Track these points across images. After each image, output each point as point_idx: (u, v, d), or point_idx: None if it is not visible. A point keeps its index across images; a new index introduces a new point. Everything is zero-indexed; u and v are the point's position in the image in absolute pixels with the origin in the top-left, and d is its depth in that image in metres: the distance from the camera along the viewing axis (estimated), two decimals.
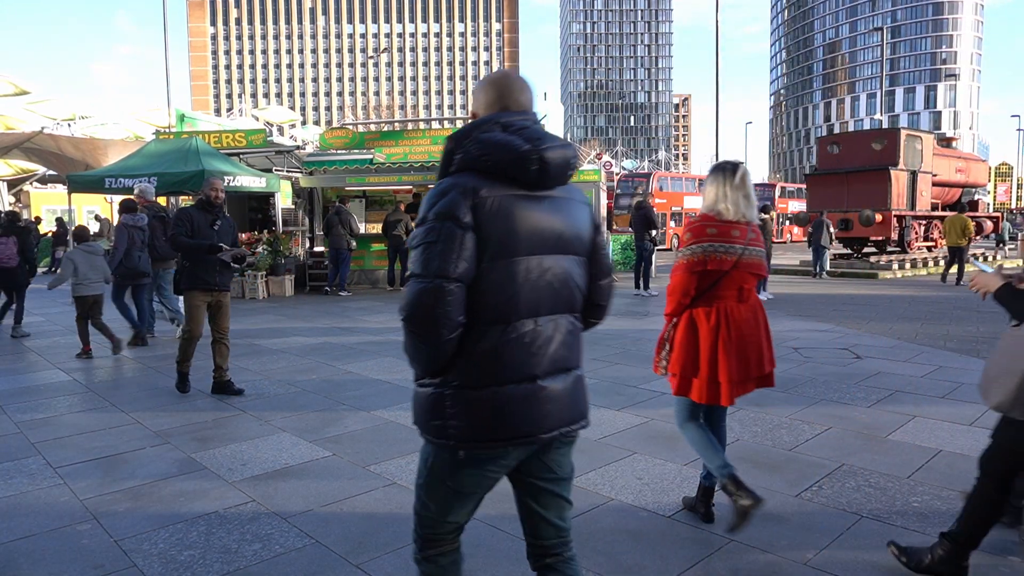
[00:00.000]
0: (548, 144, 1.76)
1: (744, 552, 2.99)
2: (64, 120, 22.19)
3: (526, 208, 1.76)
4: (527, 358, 1.77)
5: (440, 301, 1.66)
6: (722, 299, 3.07)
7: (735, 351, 3.03)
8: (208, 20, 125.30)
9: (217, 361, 5.78)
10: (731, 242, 3.03)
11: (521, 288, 1.76)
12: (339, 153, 14.82)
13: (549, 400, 1.81)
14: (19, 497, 3.68)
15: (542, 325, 1.80)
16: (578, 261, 1.90)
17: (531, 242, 1.77)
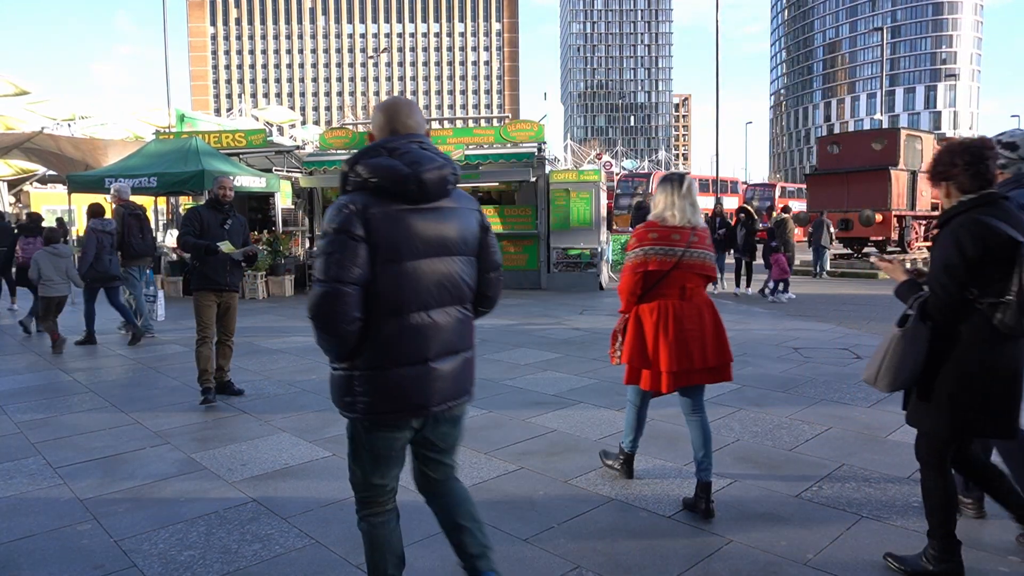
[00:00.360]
0: (426, 167, 2.10)
1: (744, 552, 2.99)
2: (64, 120, 22.19)
3: (411, 220, 2.09)
4: (419, 344, 2.13)
5: (338, 301, 2.00)
6: (665, 297, 3.43)
7: (675, 344, 3.36)
8: (208, 20, 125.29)
9: (219, 362, 5.75)
10: (672, 245, 3.38)
11: (411, 287, 2.10)
12: (339, 153, 14.81)
13: (439, 378, 2.17)
14: (19, 497, 3.68)
15: (432, 316, 2.15)
16: (466, 260, 2.24)
17: (418, 248, 2.10)
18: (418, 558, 2.96)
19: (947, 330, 2.62)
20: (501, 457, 4.22)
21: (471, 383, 2.31)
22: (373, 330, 2.09)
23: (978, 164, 2.58)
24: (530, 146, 14.13)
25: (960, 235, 2.55)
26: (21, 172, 22.69)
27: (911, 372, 2.70)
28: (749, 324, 9.52)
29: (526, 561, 2.93)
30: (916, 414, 2.80)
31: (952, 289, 2.57)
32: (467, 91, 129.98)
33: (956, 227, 2.58)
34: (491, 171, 14.04)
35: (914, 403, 2.81)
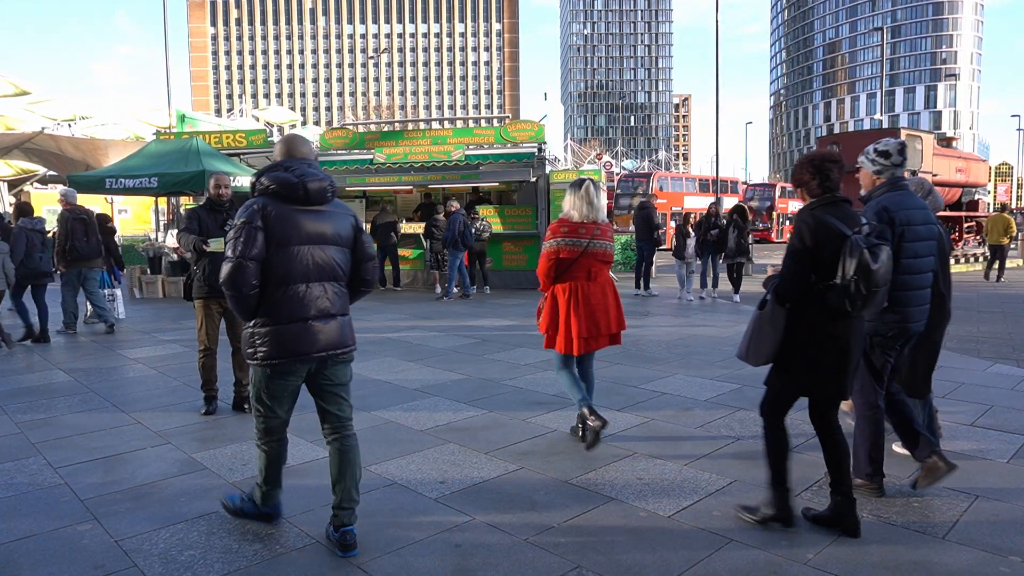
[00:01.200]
0: (310, 180, 2.93)
1: (744, 552, 2.99)
2: (64, 120, 22.19)
3: (299, 217, 2.92)
4: (300, 307, 2.92)
5: (243, 272, 2.82)
6: (575, 278, 4.30)
7: (584, 316, 4.24)
8: (208, 20, 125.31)
9: (237, 374, 5.36)
10: (579, 237, 4.28)
11: (295, 265, 2.91)
12: (339, 153, 14.82)
13: (318, 332, 2.95)
14: (20, 497, 3.68)
15: (311, 288, 2.95)
16: (340, 250, 3.05)
17: (302, 237, 2.92)
18: (418, 558, 2.96)
19: (794, 309, 3.08)
20: (501, 457, 4.22)
21: (351, 339, 3.11)
22: (267, 296, 2.89)
23: (822, 174, 3.11)
24: (530, 146, 14.13)
25: (801, 229, 3.06)
26: (21, 172, 22.69)
27: (773, 347, 3.13)
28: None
29: (526, 561, 2.93)
30: (769, 376, 3.27)
31: (797, 270, 3.04)
32: (467, 91, 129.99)
33: (799, 223, 3.09)
34: (491, 171, 14.04)
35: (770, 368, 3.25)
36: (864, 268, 2.89)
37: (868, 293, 2.91)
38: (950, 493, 3.59)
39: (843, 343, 3.06)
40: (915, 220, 3.49)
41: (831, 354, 3.06)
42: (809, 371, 3.10)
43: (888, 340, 3.50)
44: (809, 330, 3.05)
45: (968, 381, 6.04)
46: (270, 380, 2.98)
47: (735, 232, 12.17)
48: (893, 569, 2.83)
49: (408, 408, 5.36)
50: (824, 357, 3.07)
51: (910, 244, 3.44)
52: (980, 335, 8.57)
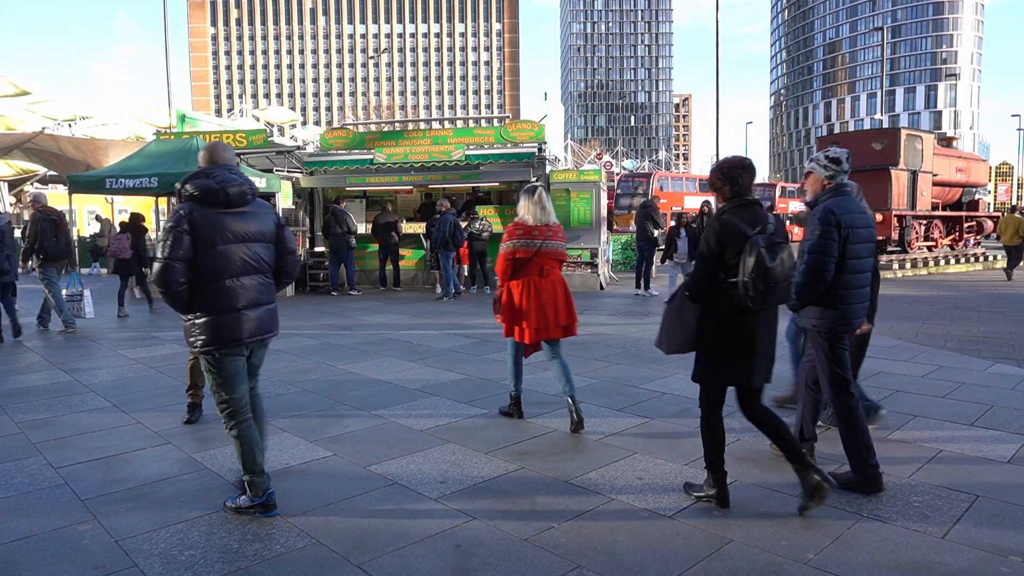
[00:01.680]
0: (230, 184, 3.27)
1: (744, 552, 2.99)
2: (65, 120, 22.20)
3: (223, 219, 3.25)
4: (231, 299, 3.26)
5: (170, 271, 3.14)
6: (529, 275, 4.75)
7: (535, 309, 4.69)
8: (208, 20, 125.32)
9: None
10: (533, 239, 4.76)
11: (224, 262, 3.24)
12: (339, 153, 14.82)
13: (248, 321, 3.31)
14: (20, 497, 3.69)
15: (240, 280, 3.29)
16: (264, 246, 3.41)
17: (228, 237, 3.25)
18: (418, 558, 2.96)
19: (707, 305, 3.33)
20: (501, 457, 4.22)
21: (275, 324, 3.51)
22: (201, 291, 3.21)
23: (731, 180, 3.35)
24: (530, 146, 14.13)
25: (709, 233, 3.29)
26: (22, 172, 22.70)
27: (683, 338, 3.41)
28: None
29: (526, 561, 2.93)
30: (694, 372, 3.48)
31: (703, 272, 3.30)
32: (467, 91, 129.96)
33: (708, 227, 3.33)
34: (491, 171, 14.04)
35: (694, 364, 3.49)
36: (760, 266, 3.11)
37: (766, 289, 3.14)
38: (950, 493, 3.59)
39: (751, 336, 3.29)
40: (858, 223, 3.71)
41: (741, 346, 3.31)
42: (724, 363, 3.35)
43: (838, 334, 3.74)
44: (719, 325, 3.32)
45: (968, 381, 6.04)
46: (218, 365, 3.31)
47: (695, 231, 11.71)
48: (893, 569, 2.82)
49: (408, 408, 5.36)
50: (735, 349, 3.32)
51: (853, 246, 3.66)
52: (980, 335, 8.57)
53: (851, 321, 3.73)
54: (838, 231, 3.60)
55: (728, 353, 3.33)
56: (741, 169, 3.38)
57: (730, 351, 3.32)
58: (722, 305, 3.28)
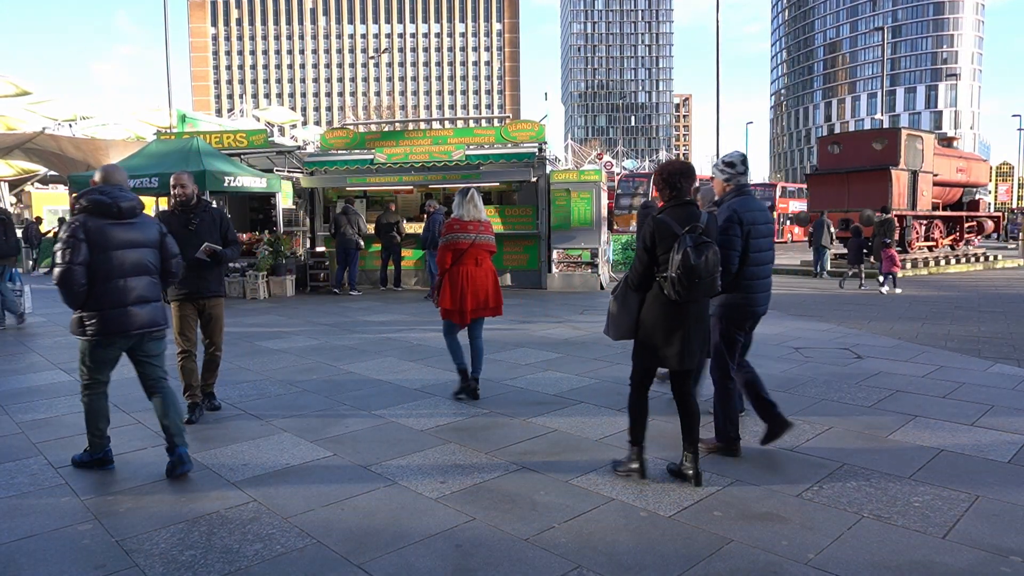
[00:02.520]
0: (122, 200, 3.87)
1: (744, 552, 2.99)
2: (65, 120, 22.22)
3: (113, 229, 3.83)
4: (120, 296, 3.84)
5: (72, 275, 3.69)
6: (465, 265, 5.52)
7: (470, 294, 5.49)
8: (209, 20, 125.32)
9: (204, 375, 5.33)
10: (468, 233, 5.49)
11: (115, 265, 3.82)
12: (340, 153, 14.82)
13: (134, 315, 3.89)
14: (21, 497, 3.69)
15: (127, 282, 3.86)
16: (150, 251, 3.99)
17: (117, 244, 3.83)
18: (418, 558, 2.96)
19: (645, 296, 3.71)
20: (501, 457, 4.22)
21: (162, 319, 4.07)
22: (94, 290, 3.77)
23: (670, 184, 3.69)
24: (531, 146, 14.12)
25: (645, 229, 3.67)
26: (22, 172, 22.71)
27: (627, 326, 3.77)
28: None
29: (526, 561, 2.93)
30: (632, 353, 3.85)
31: (640, 266, 3.68)
32: (467, 91, 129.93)
33: (647, 225, 3.68)
34: (492, 171, 14.03)
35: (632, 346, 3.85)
36: (686, 263, 3.43)
37: (690, 284, 3.47)
38: (950, 493, 3.59)
39: (679, 325, 3.65)
40: (758, 220, 4.10)
41: (672, 334, 3.66)
42: (655, 348, 3.71)
43: (738, 321, 4.16)
44: (653, 314, 3.68)
45: (969, 381, 6.04)
46: (93, 350, 3.91)
47: None
48: (893, 569, 2.82)
49: (408, 408, 5.36)
50: (666, 336, 3.67)
51: (755, 240, 4.06)
52: (981, 335, 8.56)
53: (754, 309, 4.16)
54: (740, 228, 4.00)
55: (659, 339, 3.68)
56: (680, 174, 3.71)
57: (661, 337, 3.68)
58: (656, 296, 3.66)
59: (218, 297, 5.28)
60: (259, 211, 16.56)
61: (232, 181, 12.57)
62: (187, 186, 5.12)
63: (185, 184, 5.12)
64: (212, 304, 5.23)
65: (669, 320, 3.64)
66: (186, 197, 5.12)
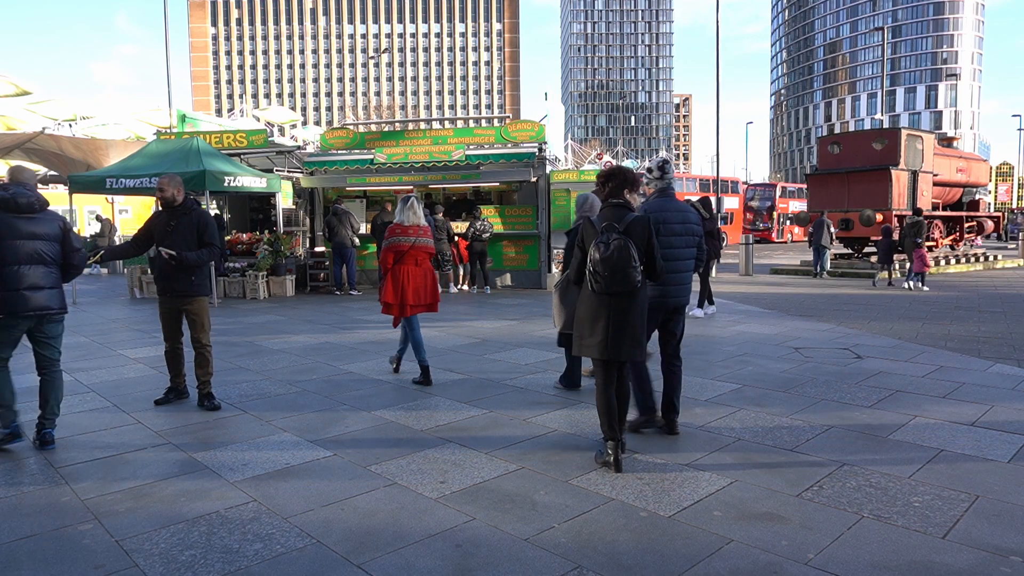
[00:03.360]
0: (21, 196, 4.33)
1: (744, 552, 2.99)
2: (65, 120, 22.21)
3: (16, 222, 4.32)
4: (15, 281, 4.28)
5: None
6: (406, 264, 6.13)
7: (411, 290, 6.10)
8: (209, 20, 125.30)
9: (196, 371, 5.46)
10: (407, 236, 6.10)
11: (14, 253, 4.29)
12: (340, 153, 14.82)
13: (28, 299, 4.32)
14: (20, 497, 3.69)
15: (22, 268, 4.31)
16: (48, 244, 4.43)
17: (18, 234, 4.31)
18: (418, 558, 2.96)
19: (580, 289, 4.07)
20: (501, 457, 4.22)
21: (58, 304, 4.47)
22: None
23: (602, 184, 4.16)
24: (531, 146, 14.12)
25: (579, 228, 4.12)
26: None
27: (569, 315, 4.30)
28: (750, 325, 9.52)
29: (526, 561, 2.93)
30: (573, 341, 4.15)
31: (574, 261, 4.08)
32: (467, 91, 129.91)
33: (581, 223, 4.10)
34: (492, 171, 14.04)
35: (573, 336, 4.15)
36: (594, 257, 3.82)
37: (603, 275, 3.79)
38: (950, 493, 3.59)
39: (602, 316, 3.91)
40: (671, 220, 4.52)
41: (595, 324, 3.94)
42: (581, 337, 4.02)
43: (652, 310, 4.42)
44: (580, 306, 4.05)
45: (969, 381, 6.04)
46: None
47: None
48: (893, 569, 2.82)
49: (408, 408, 5.36)
50: (590, 327, 3.96)
51: (664, 238, 4.44)
52: (981, 335, 8.56)
53: (665, 300, 4.54)
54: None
55: (585, 329, 3.99)
56: (611, 177, 4.13)
57: (586, 328, 3.98)
58: (583, 289, 4.02)
59: (190, 297, 5.39)
60: (259, 211, 16.57)
61: (232, 181, 12.57)
62: (165, 190, 5.30)
63: (164, 188, 5.30)
64: (185, 303, 5.41)
65: (593, 312, 3.94)
66: (165, 200, 5.32)
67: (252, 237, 14.73)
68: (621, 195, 4.04)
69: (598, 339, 3.92)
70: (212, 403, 5.42)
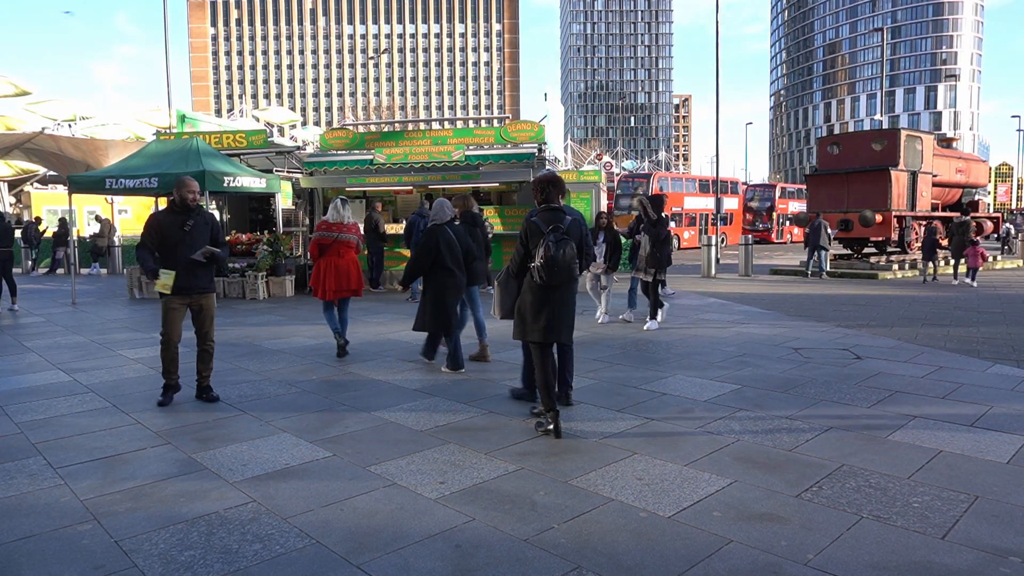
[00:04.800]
0: None
1: (744, 552, 2.99)
2: (65, 121, 22.21)
3: None
4: None
5: None
6: (329, 256, 7.20)
7: (333, 278, 7.16)
8: (209, 21, 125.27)
9: (199, 367, 5.66)
10: (331, 232, 7.18)
11: None
12: (339, 154, 14.81)
13: None
14: (20, 497, 3.69)
15: None
16: None
17: None
18: (418, 558, 2.96)
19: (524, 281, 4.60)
20: (501, 457, 4.22)
21: None
22: None
23: (542, 192, 4.63)
24: (530, 147, 14.12)
25: (522, 228, 4.61)
26: (22, 172, 22.71)
27: (509, 306, 4.80)
28: (749, 325, 9.52)
29: (526, 561, 2.93)
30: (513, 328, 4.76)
31: (518, 257, 4.61)
32: (467, 91, 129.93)
33: (523, 223, 4.60)
34: (491, 172, 14.03)
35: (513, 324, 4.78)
36: (547, 254, 4.36)
37: (550, 271, 4.39)
38: (950, 493, 3.59)
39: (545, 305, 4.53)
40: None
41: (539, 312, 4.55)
42: (526, 322, 4.61)
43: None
44: (526, 296, 4.59)
45: (968, 382, 6.04)
46: None
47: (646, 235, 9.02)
48: (893, 569, 2.83)
49: (408, 408, 5.36)
50: (534, 314, 4.56)
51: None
52: (980, 335, 8.57)
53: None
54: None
55: (530, 316, 4.56)
56: (549, 184, 4.62)
57: (531, 314, 4.56)
58: (527, 281, 4.56)
59: (208, 293, 5.62)
60: (259, 211, 16.56)
61: (232, 181, 12.57)
62: (195, 192, 5.49)
63: (194, 190, 5.46)
64: (200, 298, 5.56)
65: (537, 301, 4.54)
66: (190, 201, 5.44)
67: (252, 237, 14.72)
68: (557, 200, 4.63)
69: (541, 324, 4.54)
70: (212, 395, 5.64)
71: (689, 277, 17.57)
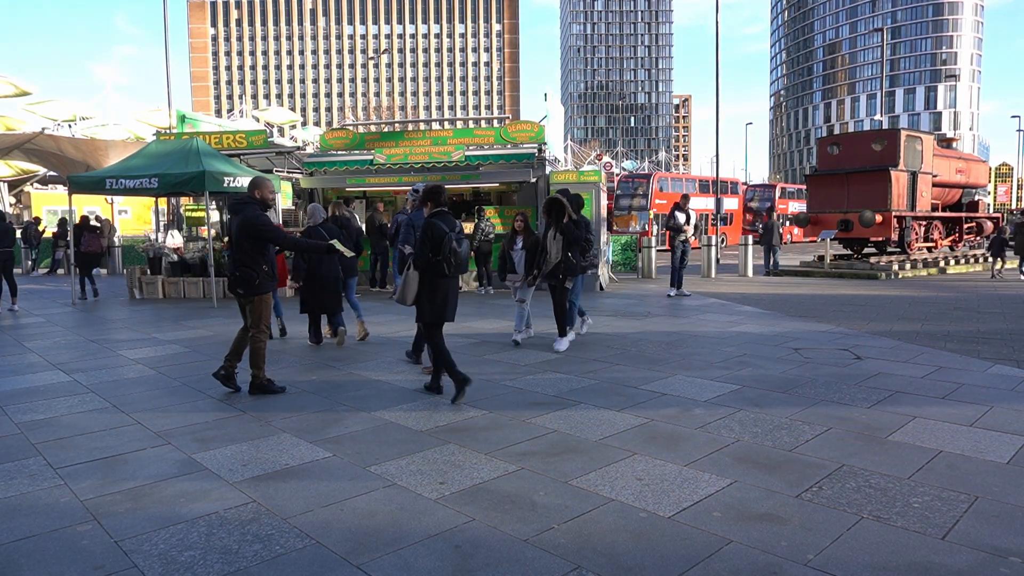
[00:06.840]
0: None
1: (744, 552, 2.99)
2: (65, 121, 22.22)
3: None
4: None
5: None
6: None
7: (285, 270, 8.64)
8: (209, 21, 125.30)
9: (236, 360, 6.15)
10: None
11: None
12: (339, 154, 14.82)
13: None
14: (20, 498, 3.68)
15: None
16: None
17: None
18: (418, 558, 2.96)
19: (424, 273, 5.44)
20: (501, 457, 4.22)
21: None
22: None
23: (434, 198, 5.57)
24: (530, 147, 14.13)
25: (425, 227, 5.40)
26: (22, 173, 22.71)
27: (412, 296, 5.50)
28: (749, 325, 9.52)
29: (526, 561, 2.93)
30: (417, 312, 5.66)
31: (423, 252, 5.37)
32: (467, 92, 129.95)
33: (424, 224, 5.45)
34: (491, 172, 14.04)
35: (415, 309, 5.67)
36: (454, 250, 5.32)
37: (456, 264, 5.37)
38: (950, 493, 3.59)
39: (437, 292, 5.50)
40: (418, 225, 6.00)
41: (434, 298, 5.51)
42: (429, 307, 5.54)
43: None
44: (429, 284, 5.47)
45: (968, 382, 6.04)
46: None
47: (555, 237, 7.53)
48: (893, 569, 2.83)
49: (408, 408, 5.36)
50: (430, 300, 5.51)
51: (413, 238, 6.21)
52: (980, 335, 8.57)
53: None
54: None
55: (431, 300, 5.49)
56: (438, 192, 5.57)
57: (426, 300, 5.49)
58: (431, 272, 5.41)
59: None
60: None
61: (232, 182, 12.56)
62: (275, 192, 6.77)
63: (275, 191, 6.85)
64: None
65: (432, 290, 5.47)
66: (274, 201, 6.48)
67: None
68: (446, 205, 5.62)
69: (439, 307, 5.52)
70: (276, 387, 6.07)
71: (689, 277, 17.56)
